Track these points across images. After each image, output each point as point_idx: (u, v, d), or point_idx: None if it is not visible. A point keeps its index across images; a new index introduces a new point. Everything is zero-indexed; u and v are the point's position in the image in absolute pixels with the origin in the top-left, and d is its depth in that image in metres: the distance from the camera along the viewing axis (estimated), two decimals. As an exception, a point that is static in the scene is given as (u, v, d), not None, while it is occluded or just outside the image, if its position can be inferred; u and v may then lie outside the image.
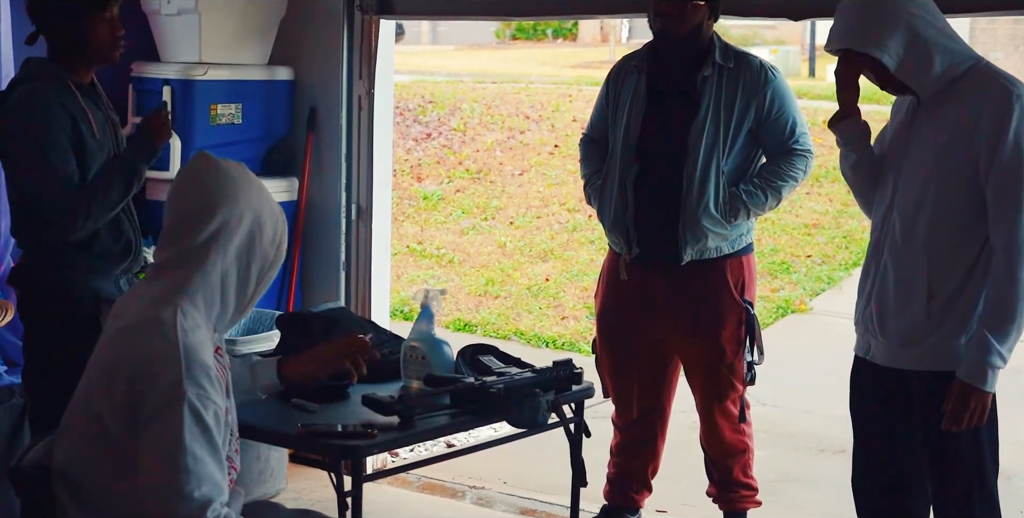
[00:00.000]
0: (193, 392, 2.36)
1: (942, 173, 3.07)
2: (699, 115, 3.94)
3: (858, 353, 3.28)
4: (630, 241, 4.03)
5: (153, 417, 2.35)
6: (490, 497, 4.94)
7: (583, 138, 4.33)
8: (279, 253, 2.61)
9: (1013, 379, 3.50)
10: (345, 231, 5.05)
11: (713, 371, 4.09)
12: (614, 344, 4.21)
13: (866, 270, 3.27)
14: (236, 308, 2.58)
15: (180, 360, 2.38)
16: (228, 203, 2.53)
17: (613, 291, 4.18)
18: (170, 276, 2.51)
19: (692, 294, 4.04)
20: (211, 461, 2.37)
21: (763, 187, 3.99)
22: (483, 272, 9.38)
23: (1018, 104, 2.98)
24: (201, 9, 4.73)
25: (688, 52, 3.99)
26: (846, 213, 10.78)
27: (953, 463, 3.15)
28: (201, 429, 2.36)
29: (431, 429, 3.16)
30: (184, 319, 2.44)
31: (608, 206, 4.06)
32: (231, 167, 2.60)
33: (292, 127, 5.11)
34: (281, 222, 2.62)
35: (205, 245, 2.50)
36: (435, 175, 11.56)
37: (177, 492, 2.33)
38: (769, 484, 4.39)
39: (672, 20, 3.91)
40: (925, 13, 3.06)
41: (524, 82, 15.57)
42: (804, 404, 6.41)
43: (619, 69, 4.16)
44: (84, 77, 3.59)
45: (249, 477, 4.50)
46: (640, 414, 4.25)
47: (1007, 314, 3.00)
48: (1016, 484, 5.00)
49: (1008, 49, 17.15)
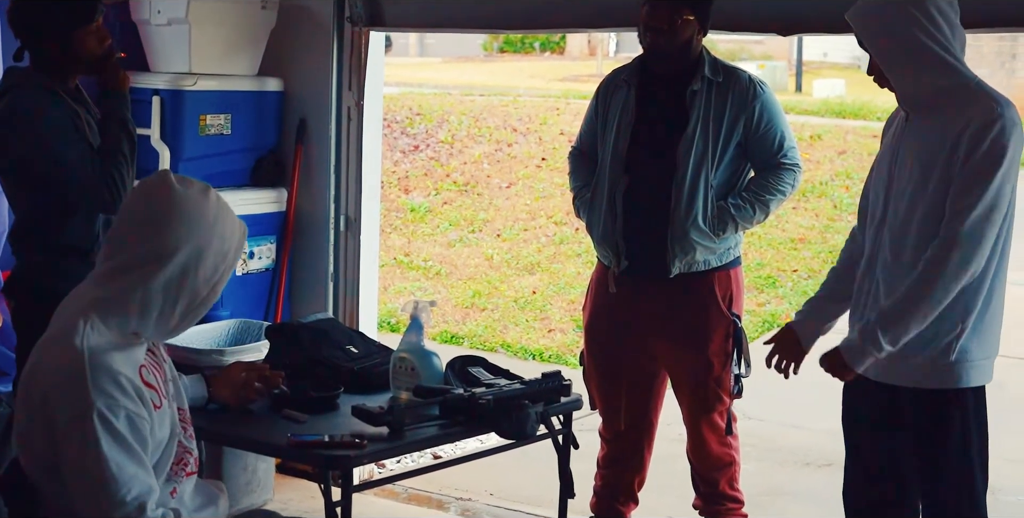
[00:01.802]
0: (101, 402, 2.36)
1: (926, 190, 3.07)
2: (688, 129, 3.95)
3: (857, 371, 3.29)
4: (619, 254, 4.04)
5: (68, 432, 2.37)
6: (476, 509, 4.94)
7: (572, 151, 4.35)
8: (213, 293, 2.55)
9: (996, 395, 3.51)
10: (333, 242, 5.05)
11: (701, 384, 4.10)
12: (602, 356, 4.22)
13: (859, 286, 3.27)
14: (157, 333, 2.56)
15: (85, 371, 2.37)
16: (167, 234, 2.46)
17: (601, 303, 4.19)
18: (98, 285, 2.50)
19: (680, 307, 4.06)
20: (132, 464, 2.38)
21: (751, 201, 4.01)
22: (470, 284, 9.39)
23: (999, 122, 2.98)
24: (191, 19, 4.73)
25: (678, 66, 4.01)
26: (832, 228, 10.82)
27: (942, 478, 3.16)
28: (115, 436, 2.37)
29: (420, 440, 3.16)
30: (91, 329, 2.43)
31: (597, 219, 4.08)
32: (190, 195, 2.51)
33: (281, 138, 5.11)
34: (228, 259, 2.54)
35: (134, 268, 2.47)
36: (422, 187, 11.57)
37: (110, 500, 2.35)
38: (756, 498, 4.40)
39: (662, 35, 3.92)
40: (931, 26, 3.04)
41: (512, 95, 15.62)
42: (791, 418, 6.42)
43: (608, 83, 4.18)
44: (69, 83, 3.60)
45: (236, 487, 4.50)
46: (627, 426, 4.25)
47: (904, 315, 3.05)
48: (1001, 499, 5.02)
49: (994, 66, 17.24)
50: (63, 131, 3.48)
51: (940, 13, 3.04)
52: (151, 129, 4.73)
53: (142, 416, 2.42)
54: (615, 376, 4.21)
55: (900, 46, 3.07)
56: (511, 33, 21.18)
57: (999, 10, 3.75)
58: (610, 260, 4.09)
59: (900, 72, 3.10)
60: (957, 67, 3.06)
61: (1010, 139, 2.98)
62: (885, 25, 3.08)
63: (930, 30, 3.04)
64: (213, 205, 2.53)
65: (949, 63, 3.05)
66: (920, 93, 3.11)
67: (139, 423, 2.41)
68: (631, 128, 4.03)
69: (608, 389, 4.24)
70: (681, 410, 4.23)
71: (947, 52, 3.04)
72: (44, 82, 3.52)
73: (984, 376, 3.15)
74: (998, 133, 2.97)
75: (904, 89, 3.13)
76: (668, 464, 4.79)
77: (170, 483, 2.53)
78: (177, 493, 2.56)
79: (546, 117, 13.48)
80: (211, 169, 4.87)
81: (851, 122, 15.14)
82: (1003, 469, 4.94)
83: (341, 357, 3.58)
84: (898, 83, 3.12)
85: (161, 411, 2.50)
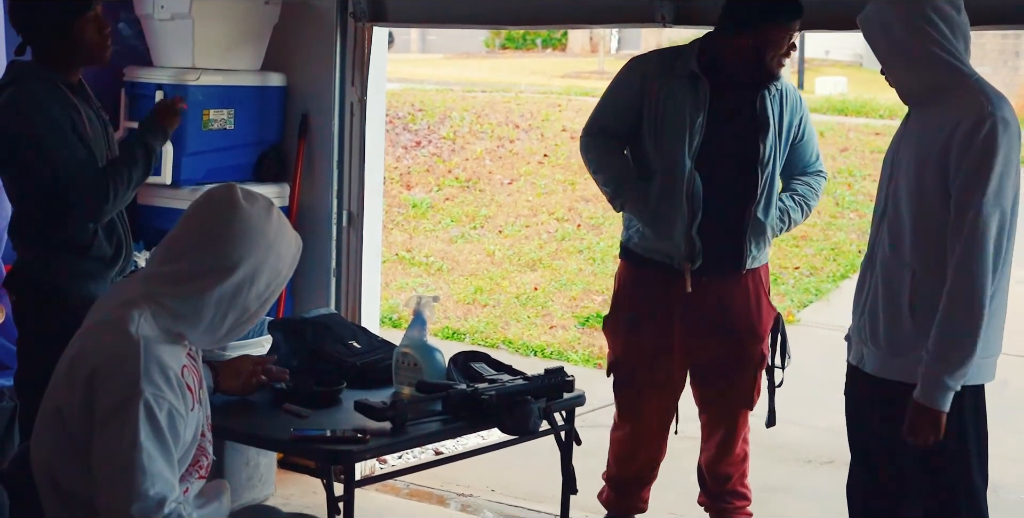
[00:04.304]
0: (149, 391, 2.38)
1: (921, 187, 3.09)
2: (771, 130, 3.98)
3: (851, 362, 3.30)
4: (694, 251, 4.01)
5: (110, 415, 2.37)
6: (477, 504, 4.94)
7: (595, 130, 4.16)
8: (262, 308, 2.57)
9: (999, 393, 3.52)
10: (336, 238, 5.05)
11: (751, 377, 4.14)
12: (641, 358, 4.17)
13: (861, 281, 3.29)
14: (202, 341, 2.58)
15: (139, 358, 2.39)
16: (229, 250, 2.49)
17: (641, 304, 4.14)
18: (151, 286, 2.52)
19: (742, 301, 4.12)
20: (162, 460, 2.39)
21: (801, 205, 4.17)
22: (472, 280, 9.39)
23: (989, 121, 2.98)
24: (194, 14, 4.73)
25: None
26: (834, 225, 10.82)
27: (941, 474, 3.17)
28: (155, 428, 2.38)
29: (423, 435, 3.17)
30: (144, 321, 2.45)
31: (668, 215, 4.01)
32: (254, 212, 2.53)
33: (284, 133, 5.11)
34: (281, 276, 2.58)
35: (191, 279, 2.49)
36: (424, 183, 11.57)
37: (133, 490, 2.35)
38: (756, 495, 4.39)
39: (787, 54, 3.94)
40: (927, 25, 3.05)
41: (514, 91, 15.61)
42: (792, 415, 6.39)
43: (654, 71, 4.04)
44: (72, 77, 3.60)
45: (238, 482, 4.50)
46: (656, 427, 4.25)
47: (955, 343, 3.01)
48: (1003, 496, 5.02)
49: (997, 64, 17.23)
50: (59, 130, 3.47)
51: (938, 12, 3.05)
52: (154, 124, 4.73)
53: (181, 413, 2.44)
54: (653, 379, 4.18)
55: (896, 44, 3.10)
56: (513, 29, 21.17)
57: (1002, 8, 3.76)
58: (678, 259, 4.03)
59: (897, 69, 3.14)
60: (955, 64, 3.07)
61: (1000, 137, 2.97)
62: (883, 24, 3.12)
63: (926, 29, 3.05)
64: (275, 223, 2.56)
65: (945, 61, 3.06)
66: (916, 90, 3.14)
67: (178, 420, 2.43)
68: (705, 125, 3.97)
69: (646, 391, 4.20)
70: (707, 407, 4.24)
71: (944, 50, 3.05)
72: (48, 76, 3.52)
73: (984, 375, 3.15)
74: (988, 132, 2.97)
75: (901, 86, 3.17)
76: (670, 461, 4.78)
77: (183, 484, 2.53)
78: (187, 493, 2.57)
79: (548, 114, 13.47)
80: (214, 164, 4.87)
81: (853, 119, 15.13)
82: (1005, 467, 4.96)
83: (344, 352, 3.58)
84: (895, 80, 3.16)
85: (192, 413, 2.51)
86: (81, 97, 3.61)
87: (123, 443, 2.36)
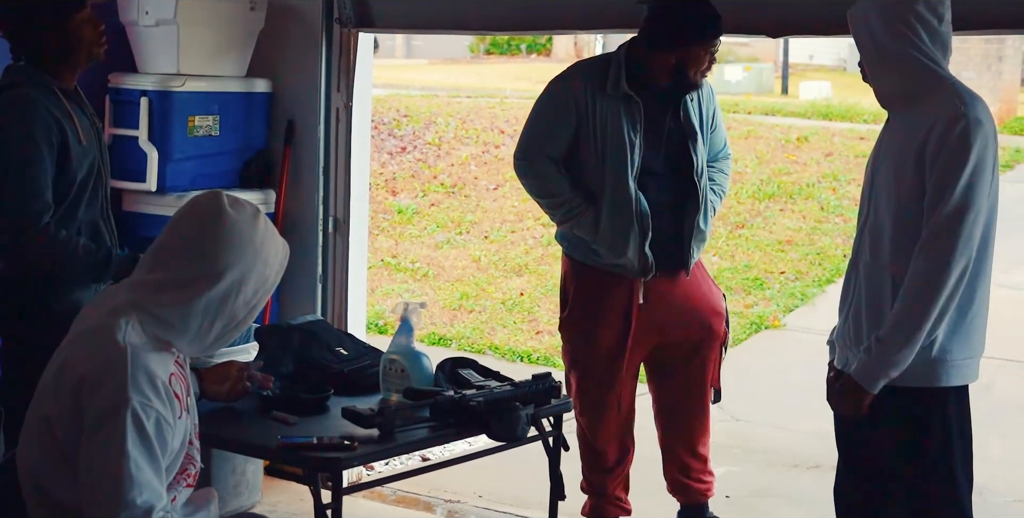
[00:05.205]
0: (136, 399, 2.37)
1: (899, 190, 3.10)
2: (696, 134, 4.04)
3: (837, 366, 3.31)
4: (648, 264, 4.04)
5: (97, 423, 2.37)
6: (464, 511, 4.94)
7: (531, 153, 4.13)
8: (249, 316, 2.57)
9: (983, 396, 3.53)
10: (322, 244, 5.04)
11: (714, 361, 4.22)
12: (599, 368, 4.18)
13: (846, 285, 3.30)
14: (190, 349, 2.58)
15: (126, 366, 2.39)
16: (216, 258, 2.49)
17: (597, 316, 4.15)
18: (138, 294, 2.51)
19: (696, 297, 4.19)
20: (150, 469, 2.38)
21: (719, 194, 4.22)
22: (458, 286, 9.39)
23: (962, 121, 2.98)
24: (180, 20, 4.71)
25: None
26: (819, 230, 10.84)
27: (924, 478, 3.17)
28: (142, 437, 2.37)
29: (411, 442, 3.16)
30: (131, 328, 2.45)
31: (623, 235, 4.01)
32: (241, 219, 2.53)
33: (270, 139, 5.10)
34: (268, 283, 2.57)
35: (178, 287, 2.49)
36: (410, 189, 11.56)
37: (120, 499, 2.34)
38: (743, 499, 4.41)
39: (708, 70, 4.01)
40: (906, 28, 3.07)
41: (499, 97, 15.62)
42: (777, 420, 6.43)
43: (589, 87, 4.03)
44: (68, 82, 3.58)
45: (225, 489, 4.49)
46: (624, 430, 4.27)
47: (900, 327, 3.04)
48: (989, 499, 5.03)
49: (980, 68, 17.28)
50: (32, 148, 3.40)
51: (918, 17, 3.07)
52: (139, 130, 4.72)
53: (169, 422, 2.43)
54: (611, 388, 4.20)
55: (875, 47, 3.12)
56: (502, 35, 21.20)
57: (985, 13, 3.77)
58: (635, 272, 4.06)
59: (875, 72, 3.17)
60: (932, 68, 3.09)
61: (974, 137, 2.98)
62: (866, 25, 3.14)
63: (906, 33, 3.06)
64: (261, 230, 2.56)
65: (923, 64, 3.07)
66: (893, 92, 3.16)
67: (165, 429, 2.42)
68: (642, 140, 4.00)
69: (602, 401, 4.22)
70: (668, 396, 4.28)
71: (922, 54, 3.07)
72: (44, 80, 3.51)
73: (966, 376, 3.16)
74: (961, 132, 2.98)
75: (880, 88, 3.19)
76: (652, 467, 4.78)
77: (171, 492, 2.53)
78: (175, 502, 2.56)
79: (533, 119, 13.47)
80: (199, 170, 4.86)
81: (837, 124, 15.18)
82: (992, 470, 4.96)
83: (331, 359, 3.58)
84: (875, 81, 3.19)
85: (180, 421, 2.51)
86: (76, 104, 3.59)
87: (111, 452, 2.35)
